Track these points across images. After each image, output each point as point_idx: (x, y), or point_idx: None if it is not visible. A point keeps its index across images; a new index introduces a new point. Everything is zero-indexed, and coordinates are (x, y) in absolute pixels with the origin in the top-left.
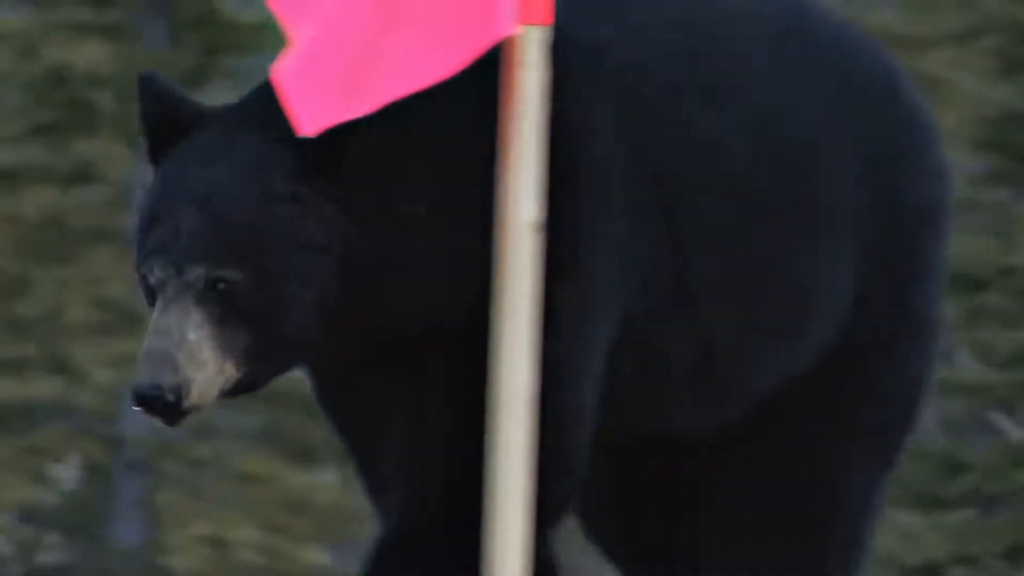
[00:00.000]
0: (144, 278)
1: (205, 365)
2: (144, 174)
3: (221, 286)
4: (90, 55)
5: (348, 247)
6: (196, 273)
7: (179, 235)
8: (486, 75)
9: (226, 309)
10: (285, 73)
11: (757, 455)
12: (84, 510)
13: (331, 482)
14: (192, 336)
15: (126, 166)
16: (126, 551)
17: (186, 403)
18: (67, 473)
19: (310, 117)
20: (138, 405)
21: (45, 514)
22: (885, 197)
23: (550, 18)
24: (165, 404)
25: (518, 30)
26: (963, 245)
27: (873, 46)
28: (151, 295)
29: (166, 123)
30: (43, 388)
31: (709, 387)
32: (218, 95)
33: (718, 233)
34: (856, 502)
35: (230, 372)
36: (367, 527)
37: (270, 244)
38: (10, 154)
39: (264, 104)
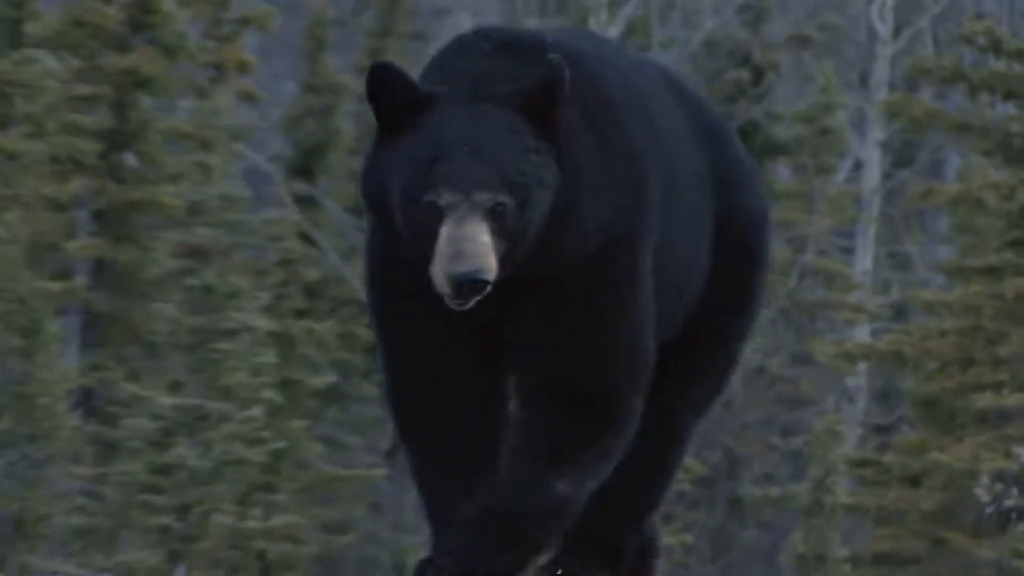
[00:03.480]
0: (430, 202)
1: (493, 260)
2: None
3: (499, 208)
4: None
5: (556, 187)
6: (483, 197)
7: (467, 171)
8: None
9: (497, 224)
10: None
11: None
12: None
13: None
14: (486, 239)
15: None
16: None
17: (491, 284)
18: None
19: None
20: (461, 286)
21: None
22: (725, 217)
23: None
24: (483, 284)
25: None
26: None
27: (708, 102)
28: (434, 215)
29: (410, 99)
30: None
31: (664, 322)
32: None
33: (675, 218)
34: (683, 441)
35: (496, 268)
36: None
37: (528, 182)
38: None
39: (480, 82)
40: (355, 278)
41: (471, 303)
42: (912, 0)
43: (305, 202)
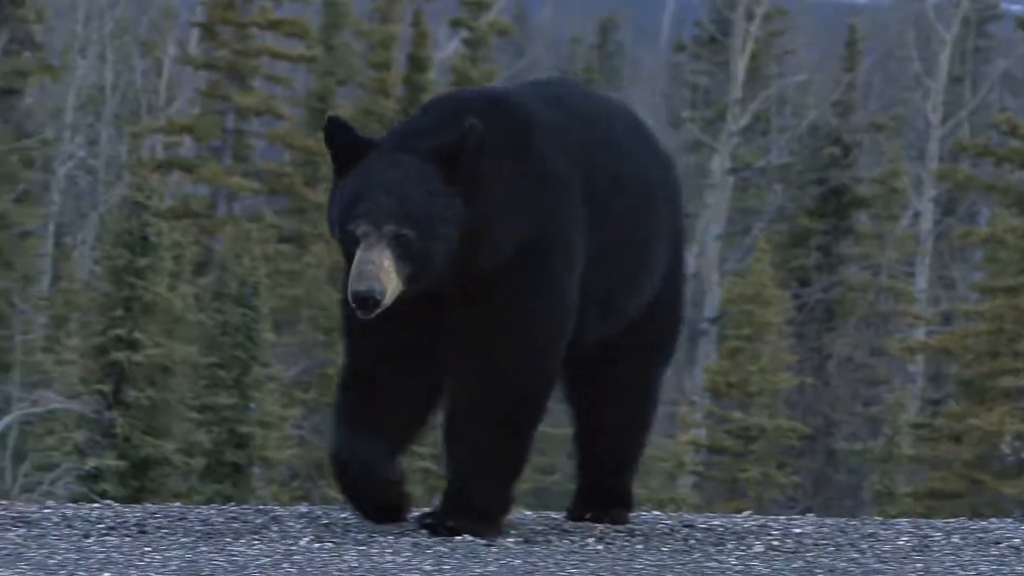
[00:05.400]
0: (351, 231)
1: (391, 280)
2: None
3: (401, 238)
4: None
5: (462, 222)
6: (389, 229)
7: (378, 207)
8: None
9: (402, 251)
10: None
11: (612, 369)
12: None
13: None
14: (386, 264)
15: None
16: None
17: (384, 300)
18: None
19: None
20: (358, 301)
21: None
22: (673, 220)
23: None
24: (375, 301)
25: None
26: None
27: (651, 132)
28: (354, 241)
29: (349, 147)
30: None
31: (610, 316)
32: None
33: (620, 230)
34: (655, 395)
35: (398, 287)
36: None
37: (430, 218)
38: None
39: (411, 137)
40: None
41: (371, 315)
42: (955, 98)
43: None
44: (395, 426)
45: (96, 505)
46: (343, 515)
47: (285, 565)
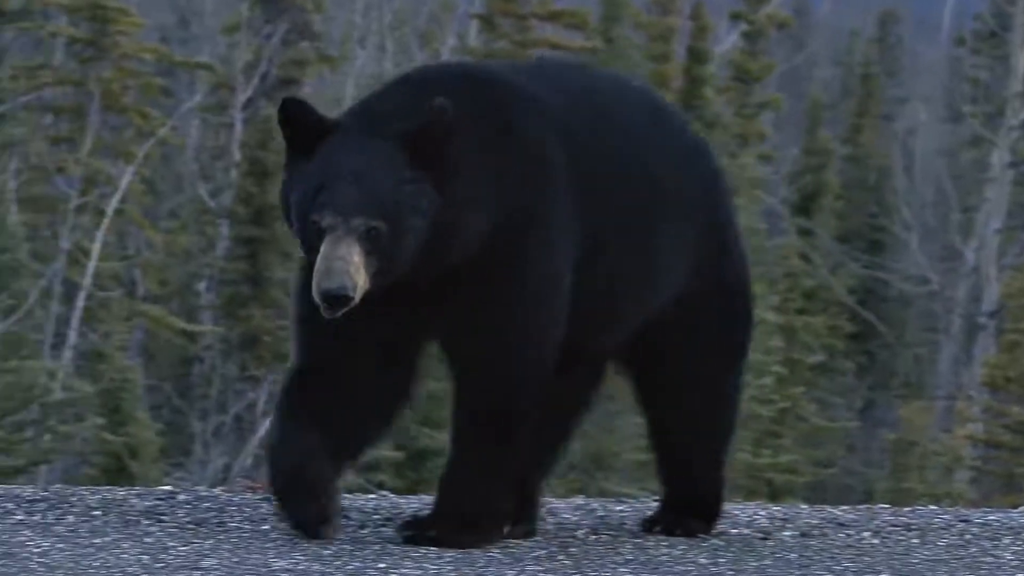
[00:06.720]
0: (314, 222)
1: (361, 277)
2: None
3: (372, 232)
4: None
5: (434, 211)
6: (358, 222)
7: (345, 198)
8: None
9: (371, 246)
10: None
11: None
12: None
13: None
14: (356, 259)
15: None
16: None
17: (355, 299)
18: None
19: None
20: (328, 300)
21: None
22: (707, 211)
23: None
24: (347, 299)
25: None
26: None
27: (685, 122)
28: (318, 233)
29: (311, 128)
30: None
31: (613, 317)
32: None
33: (620, 222)
34: (728, 396)
35: (366, 283)
36: None
37: (401, 209)
38: None
39: (378, 118)
40: (839, 286)
41: (338, 314)
42: None
43: (804, 232)
44: (347, 429)
45: (372, 496)
46: (619, 508)
47: (560, 557)
